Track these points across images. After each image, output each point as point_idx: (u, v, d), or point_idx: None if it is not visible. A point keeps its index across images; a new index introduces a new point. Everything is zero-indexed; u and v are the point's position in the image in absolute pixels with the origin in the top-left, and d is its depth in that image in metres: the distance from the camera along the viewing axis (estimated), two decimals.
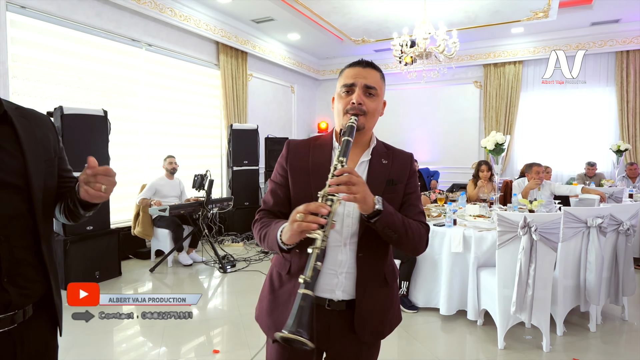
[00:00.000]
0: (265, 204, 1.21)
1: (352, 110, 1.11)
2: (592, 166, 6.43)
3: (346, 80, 1.14)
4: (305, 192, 1.10)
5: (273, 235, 1.05)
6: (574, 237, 2.84)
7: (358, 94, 1.12)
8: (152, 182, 4.77)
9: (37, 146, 1.06)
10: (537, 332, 2.88)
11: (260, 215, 1.19)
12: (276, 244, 1.04)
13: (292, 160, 1.17)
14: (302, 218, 0.93)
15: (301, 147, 1.20)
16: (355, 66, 1.16)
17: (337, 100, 1.16)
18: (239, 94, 6.85)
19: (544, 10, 5.85)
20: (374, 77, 1.14)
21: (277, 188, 1.19)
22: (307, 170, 1.14)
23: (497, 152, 3.56)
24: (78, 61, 4.59)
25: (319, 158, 1.15)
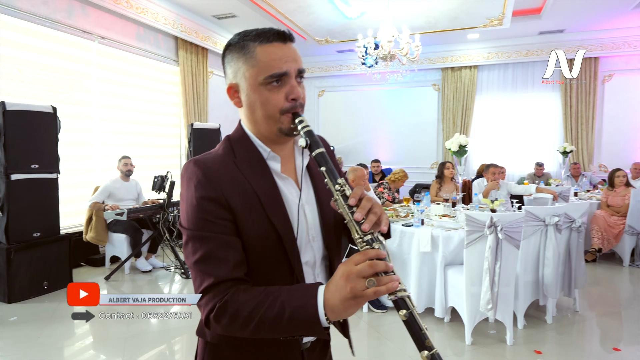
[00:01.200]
0: (219, 271, 0.76)
1: (292, 108, 0.81)
2: (541, 166, 6.86)
3: (273, 68, 0.80)
4: (264, 232, 0.80)
5: (306, 314, 0.70)
6: (533, 235, 3.00)
7: (294, 85, 0.82)
8: (106, 185, 4.47)
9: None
10: (500, 326, 3.01)
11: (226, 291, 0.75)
12: (315, 324, 0.70)
13: (229, 191, 0.80)
14: (374, 284, 0.66)
15: (225, 170, 0.82)
16: (273, 41, 0.82)
17: (260, 94, 0.81)
18: (199, 91, 6.62)
19: (498, 18, 6.16)
20: (299, 55, 0.84)
21: (225, 238, 0.78)
22: (258, 204, 0.81)
23: (461, 154, 3.69)
24: (20, 52, 4.21)
25: (263, 183, 0.83)
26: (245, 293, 0.75)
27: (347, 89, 9.02)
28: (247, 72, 0.82)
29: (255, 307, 0.73)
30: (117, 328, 3.10)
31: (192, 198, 0.79)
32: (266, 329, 0.73)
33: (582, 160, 7.23)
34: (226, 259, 0.77)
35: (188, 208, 0.80)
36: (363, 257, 0.69)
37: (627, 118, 7.11)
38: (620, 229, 4.81)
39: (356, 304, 0.69)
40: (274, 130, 0.83)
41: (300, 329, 0.72)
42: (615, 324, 3.35)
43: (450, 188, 4.79)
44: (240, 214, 0.80)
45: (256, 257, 0.81)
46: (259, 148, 0.86)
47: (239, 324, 0.74)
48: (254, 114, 0.84)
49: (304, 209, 0.87)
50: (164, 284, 4.31)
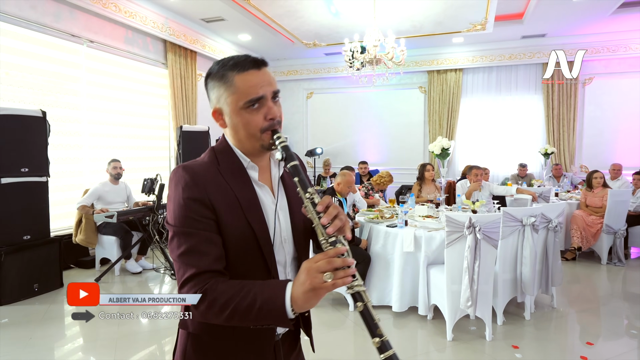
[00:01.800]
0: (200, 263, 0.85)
1: (269, 127, 0.92)
2: (524, 167, 7.05)
3: (251, 94, 0.90)
4: (242, 233, 0.90)
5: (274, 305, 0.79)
6: (511, 235, 3.13)
7: (270, 106, 0.92)
8: (95, 188, 4.49)
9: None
10: (480, 323, 3.13)
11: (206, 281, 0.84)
12: (281, 315, 0.79)
13: (213, 194, 0.89)
14: (332, 277, 0.75)
15: (208, 176, 0.91)
16: (249, 69, 0.92)
17: (242, 117, 0.92)
18: (188, 94, 6.66)
19: (481, 23, 6.31)
20: (273, 78, 0.95)
21: (207, 234, 0.87)
22: (238, 207, 0.91)
23: (443, 157, 3.81)
24: (10, 57, 4.22)
25: (242, 187, 0.94)
26: (223, 284, 0.84)
27: (335, 91, 9.12)
28: (229, 98, 0.93)
29: (231, 296, 0.81)
30: (107, 328, 3.15)
31: (180, 198, 0.88)
32: (238, 317, 0.81)
33: (564, 161, 7.44)
34: (208, 252, 0.86)
35: (175, 207, 0.89)
36: (324, 255, 0.78)
37: (607, 120, 7.34)
38: (598, 228, 4.99)
39: (315, 296, 0.77)
40: (257, 146, 0.95)
41: (268, 318, 0.81)
42: (593, 319, 3.50)
43: (430, 189, 4.92)
44: (222, 214, 0.89)
45: (235, 254, 0.90)
46: (240, 158, 0.97)
47: (215, 311, 0.82)
48: (238, 134, 0.95)
49: (278, 214, 0.98)
50: (154, 285, 4.35)
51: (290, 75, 9.25)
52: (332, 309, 3.57)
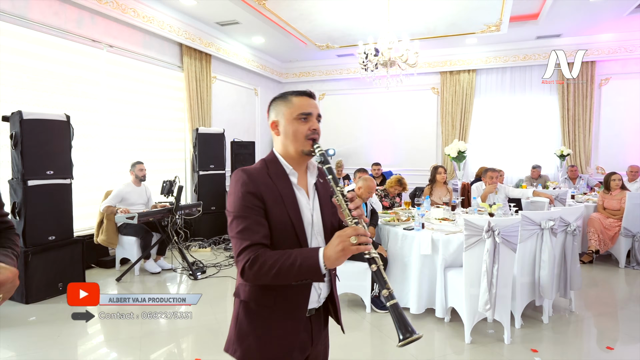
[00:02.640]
0: (253, 237, 1.13)
1: (311, 136, 1.22)
2: (536, 169, 6.99)
3: (303, 109, 1.23)
4: (284, 223, 1.18)
5: (311, 262, 1.06)
6: (529, 239, 3.13)
7: (314, 122, 1.25)
8: (119, 190, 4.60)
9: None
10: (497, 326, 3.14)
11: (257, 250, 1.12)
12: (316, 270, 1.06)
13: (264, 191, 1.18)
14: (356, 241, 1.03)
15: (261, 177, 1.20)
16: (304, 96, 1.26)
17: (293, 125, 1.23)
18: (203, 96, 6.76)
19: (496, 24, 6.29)
20: (318, 107, 1.30)
21: (259, 219, 1.16)
22: (281, 202, 1.19)
23: (459, 159, 3.82)
24: (34, 62, 4.35)
25: (285, 188, 1.22)
26: (270, 251, 1.13)
27: (347, 93, 9.15)
28: (286, 111, 1.25)
29: (277, 259, 1.09)
30: (129, 327, 3.23)
31: (239, 192, 1.17)
32: (283, 273, 1.08)
33: (580, 162, 7.37)
34: (258, 231, 1.15)
35: (235, 199, 1.18)
36: (351, 228, 1.07)
37: (624, 121, 7.25)
38: (616, 231, 4.94)
39: (344, 255, 1.04)
40: (299, 151, 1.24)
41: (306, 273, 1.08)
42: (611, 323, 3.48)
43: (442, 192, 4.91)
44: (269, 206, 1.18)
45: (277, 237, 1.18)
46: (284, 166, 1.26)
47: (265, 270, 1.09)
48: (287, 139, 1.25)
49: (313, 212, 1.26)
50: (172, 285, 4.44)
51: (302, 77, 9.31)
52: (349, 311, 3.60)
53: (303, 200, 1.24)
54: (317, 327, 1.29)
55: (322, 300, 1.29)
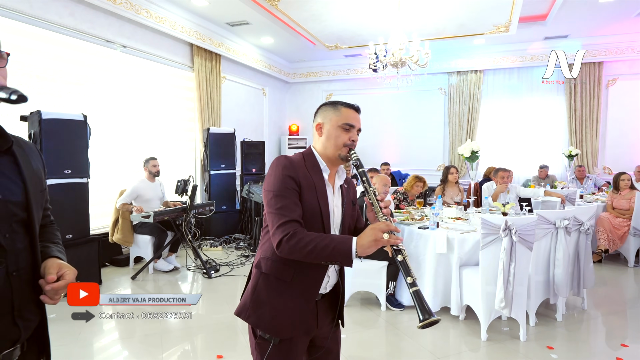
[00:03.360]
0: (291, 214, 1.26)
1: (350, 145, 1.38)
2: (543, 169, 7.02)
3: (349, 120, 1.38)
4: (313, 208, 1.32)
5: (344, 247, 1.19)
6: (544, 237, 3.17)
7: (354, 133, 1.40)
8: (134, 186, 4.64)
9: (34, 177, 1.05)
10: (512, 323, 3.19)
11: (296, 227, 1.24)
12: (348, 254, 1.20)
13: (301, 177, 1.31)
14: (388, 237, 1.18)
15: (299, 166, 1.34)
16: (351, 109, 1.41)
17: (337, 131, 1.37)
18: (213, 96, 6.80)
19: (505, 25, 6.32)
20: (361, 121, 1.44)
21: (296, 200, 1.29)
22: (314, 189, 1.33)
23: (472, 159, 3.86)
24: (50, 62, 4.40)
25: (318, 179, 1.36)
26: (307, 231, 1.25)
27: (354, 93, 9.19)
28: (334, 117, 1.40)
29: (314, 238, 1.22)
30: (147, 325, 3.28)
31: (279, 174, 1.31)
32: (317, 252, 1.20)
33: (587, 162, 7.39)
34: (295, 209, 1.28)
35: (275, 179, 1.31)
36: (384, 223, 1.22)
37: (631, 121, 7.27)
38: (625, 230, 4.97)
39: (375, 245, 1.19)
40: (336, 154, 1.39)
41: (338, 256, 1.20)
42: (622, 322, 3.52)
43: (454, 192, 4.95)
44: (304, 191, 1.31)
45: (306, 219, 1.30)
46: (319, 162, 1.41)
47: (302, 245, 1.21)
48: (328, 142, 1.40)
49: (335, 207, 1.42)
50: (189, 284, 4.49)
51: (309, 76, 9.36)
52: (365, 309, 3.65)
53: (330, 194, 1.39)
54: (322, 312, 1.43)
55: (328, 288, 1.43)
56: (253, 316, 1.34)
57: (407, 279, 1.17)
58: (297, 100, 9.71)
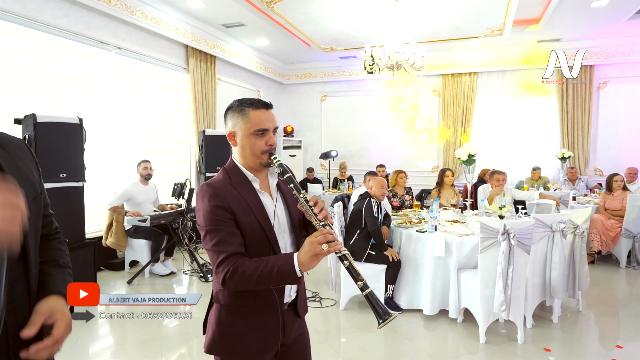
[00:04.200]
0: (228, 248, 1.19)
1: (268, 150, 1.29)
2: (535, 170, 7.10)
3: (260, 125, 1.28)
4: (254, 228, 1.25)
5: (287, 268, 1.15)
6: (541, 240, 3.21)
7: (271, 136, 1.31)
8: (126, 189, 4.59)
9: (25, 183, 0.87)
10: (509, 326, 3.22)
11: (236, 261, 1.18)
12: (293, 274, 1.15)
13: (231, 203, 1.23)
14: (327, 247, 1.12)
15: (225, 189, 1.25)
16: (260, 108, 1.30)
17: (250, 140, 1.28)
18: (208, 98, 6.77)
19: (499, 28, 6.39)
20: (275, 118, 1.34)
21: (231, 229, 1.22)
22: (248, 209, 1.25)
23: (469, 163, 3.89)
24: (44, 64, 4.34)
25: (250, 195, 1.28)
26: (248, 260, 1.19)
27: (349, 94, 9.21)
28: (243, 125, 1.29)
29: (256, 267, 1.16)
30: (146, 330, 3.26)
31: (207, 207, 1.22)
32: (264, 280, 1.15)
33: (578, 164, 7.50)
34: (232, 241, 1.20)
35: (204, 213, 1.22)
36: (320, 233, 1.15)
37: (621, 124, 7.39)
38: (617, 232, 5.05)
39: (316, 259, 1.13)
40: (257, 163, 1.31)
41: (284, 278, 1.16)
42: (615, 322, 3.58)
43: (450, 194, 4.99)
44: (238, 214, 1.23)
45: (250, 242, 1.25)
46: (245, 174, 1.32)
47: (246, 278, 1.16)
48: (245, 152, 1.31)
49: (277, 212, 1.33)
50: (184, 287, 4.46)
51: (304, 78, 9.35)
52: (363, 312, 3.66)
53: (268, 203, 1.32)
54: (289, 320, 1.38)
55: (293, 295, 1.39)
56: (225, 349, 1.30)
57: (357, 283, 1.14)
58: (292, 101, 9.70)
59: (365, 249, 3.57)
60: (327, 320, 3.58)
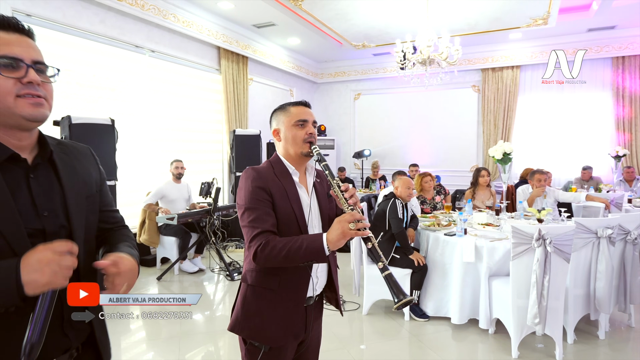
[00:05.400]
0: (264, 225, 1.29)
1: (309, 139, 1.40)
2: (586, 170, 6.55)
3: (300, 117, 1.42)
4: (288, 214, 1.35)
5: (316, 245, 1.23)
6: (584, 248, 2.90)
7: (311, 127, 1.43)
8: (159, 187, 4.73)
9: (79, 183, 1.03)
10: (547, 340, 2.94)
11: (268, 237, 1.27)
12: (321, 251, 1.22)
13: (271, 187, 1.34)
14: (355, 226, 1.20)
15: (268, 175, 1.37)
16: (300, 106, 1.45)
17: (292, 131, 1.41)
18: (239, 98, 6.84)
19: (543, 17, 5.94)
20: (313, 114, 1.47)
21: (268, 210, 1.32)
22: (286, 197, 1.36)
23: (505, 162, 3.62)
24: (82, 68, 4.55)
25: (289, 185, 1.39)
26: (279, 237, 1.28)
27: (383, 92, 8.99)
28: (285, 119, 1.44)
29: (285, 243, 1.25)
30: (169, 327, 3.30)
31: (249, 186, 1.33)
32: (292, 255, 1.23)
33: (637, 163, 6.83)
34: (267, 220, 1.30)
35: (245, 192, 1.34)
36: (349, 214, 1.23)
37: None
38: None
39: (344, 238, 1.21)
40: (299, 152, 1.42)
41: (312, 254, 1.23)
42: None
43: (485, 195, 4.69)
44: (276, 199, 1.34)
45: (282, 227, 1.34)
46: (287, 166, 1.43)
47: (276, 252, 1.24)
48: (287, 143, 1.43)
49: (311, 207, 1.43)
50: (210, 285, 4.51)
51: (337, 76, 9.25)
52: (387, 318, 3.50)
53: (304, 196, 1.42)
54: (311, 316, 1.45)
55: (317, 290, 1.44)
56: (246, 329, 1.37)
57: (377, 264, 1.22)
58: (325, 100, 9.62)
59: (389, 252, 3.41)
60: (349, 325, 3.46)
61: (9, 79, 0.90)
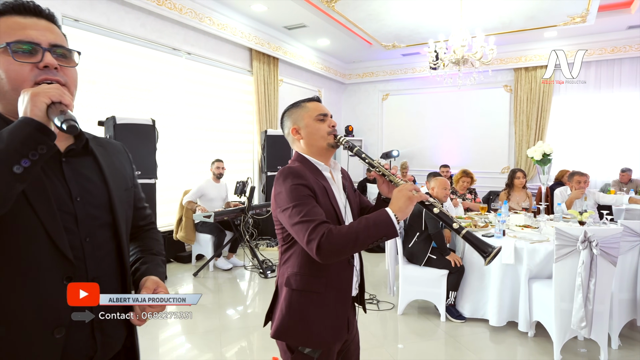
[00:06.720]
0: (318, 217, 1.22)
1: (333, 132, 1.40)
2: (625, 172, 6.32)
3: (320, 111, 1.40)
4: (329, 211, 1.30)
5: (383, 219, 1.17)
6: (630, 251, 2.83)
7: (331, 119, 1.42)
8: (200, 186, 4.87)
9: (117, 176, 1.01)
10: (590, 345, 2.88)
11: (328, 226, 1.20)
12: (390, 223, 1.17)
13: (312, 182, 1.30)
14: (416, 193, 1.20)
15: (304, 172, 1.32)
16: (314, 101, 1.44)
17: (315, 125, 1.38)
18: (270, 99, 6.95)
19: (582, 15, 5.78)
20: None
21: (316, 205, 1.27)
22: (325, 193, 1.33)
23: (544, 163, 3.55)
24: (124, 70, 4.73)
25: (324, 181, 1.37)
26: (337, 225, 1.26)
27: (412, 92, 8.93)
28: (305, 115, 1.40)
29: (350, 226, 1.19)
30: (206, 322, 3.40)
31: (289, 186, 1.25)
32: (362, 235, 1.16)
33: None
34: (319, 212, 1.23)
35: (287, 193, 1.25)
36: (408, 184, 1.23)
37: None
38: None
39: (411, 202, 1.18)
40: (324, 145, 1.39)
41: (382, 228, 1.16)
42: None
43: (521, 197, 4.61)
44: (317, 195, 1.29)
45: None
46: (315, 163, 1.39)
47: (343, 239, 1.16)
48: (311, 139, 1.39)
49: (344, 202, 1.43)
50: (243, 282, 4.61)
51: (365, 77, 9.25)
52: (423, 319, 3.50)
53: (337, 192, 1.40)
54: (352, 316, 1.43)
55: (356, 289, 1.42)
56: (294, 335, 1.31)
57: (452, 225, 1.17)
58: (353, 101, 9.64)
59: (426, 253, 3.41)
60: (384, 324, 3.48)
61: (25, 65, 0.83)
